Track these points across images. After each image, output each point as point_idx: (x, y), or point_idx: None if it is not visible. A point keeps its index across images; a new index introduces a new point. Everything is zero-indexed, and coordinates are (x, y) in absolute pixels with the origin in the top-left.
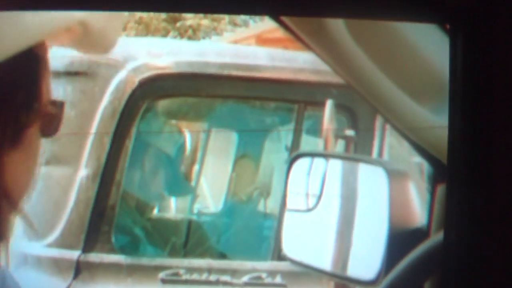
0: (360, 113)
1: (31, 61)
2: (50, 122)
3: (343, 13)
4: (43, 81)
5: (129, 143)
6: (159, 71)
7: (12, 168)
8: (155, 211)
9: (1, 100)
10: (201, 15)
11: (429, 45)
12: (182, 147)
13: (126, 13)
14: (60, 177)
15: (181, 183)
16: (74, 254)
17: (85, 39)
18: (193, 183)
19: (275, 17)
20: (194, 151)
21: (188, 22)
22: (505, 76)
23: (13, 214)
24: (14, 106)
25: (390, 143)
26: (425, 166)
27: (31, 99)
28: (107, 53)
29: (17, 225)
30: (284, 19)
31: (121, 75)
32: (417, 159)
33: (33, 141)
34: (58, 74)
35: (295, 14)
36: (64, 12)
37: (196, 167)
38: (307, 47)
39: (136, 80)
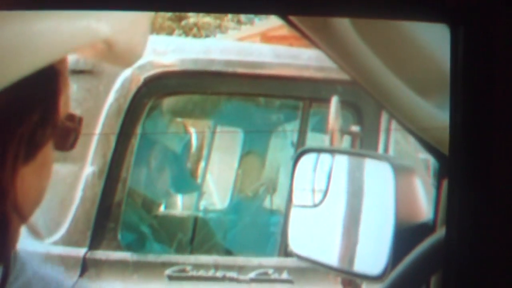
0: (366, 109)
1: (50, 77)
2: (67, 137)
3: (343, 13)
4: (61, 96)
5: (135, 141)
6: (164, 69)
7: (24, 182)
8: (162, 208)
9: (19, 116)
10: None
11: (433, 39)
12: (187, 144)
13: (150, 28)
14: (66, 174)
15: (187, 180)
16: (80, 252)
17: (109, 55)
18: (199, 180)
19: (281, 16)
20: (200, 148)
21: (191, 20)
22: (505, 73)
23: (22, 226)
24: (30, 122)
25: (395, 138)
26: (431, 162)
27: (48, 115)
28: (130, 67)
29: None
30: (290, 16)
31: (126, 73)
32: (423, 155)
33: (47, 156)
34: None
35: (299, 14)
36: (87, 29)
37: (202, 164)
38: (313, 43)
39: (141, 78)
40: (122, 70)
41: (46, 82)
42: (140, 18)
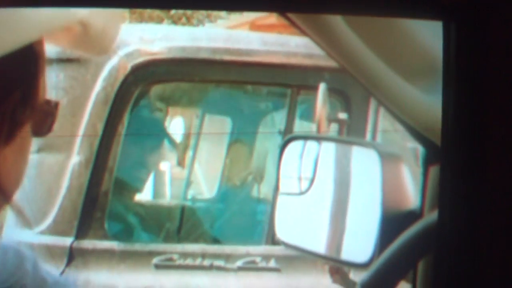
0: (353, 97)
1: (29, 58)
2: (44, 121)
3: (336, 10)
4: (40, 79)
5: (122, 129)
6: (152, 57)
7: (4, 163)
8: (149, 197)
9: (0, 94)
10: None
11: (420, 25)
12: (175, 133)
13: (125, 14)
14: (52, 164)
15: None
16: (67, 241)
17: (84, 39)
18: (187, 169)
19: (277, 13)
20: (187, 136)
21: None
22: (496, 69)
23: (6, 208)
24: (11, 103)
25: (383, 127)
26: (420, 150)
27: (27, 97)
28: (104, 54)
29: (9, 214)
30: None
31: (113, 61)
32: (412, 144)
33: (26, 138)
34: (51, 61)
35: (293, 11)
36: (64, 10)
37: (189, 153)
38: (302, 32)
39: (129, 66)
40: (109, 58)
41: (26, 62)
42: None
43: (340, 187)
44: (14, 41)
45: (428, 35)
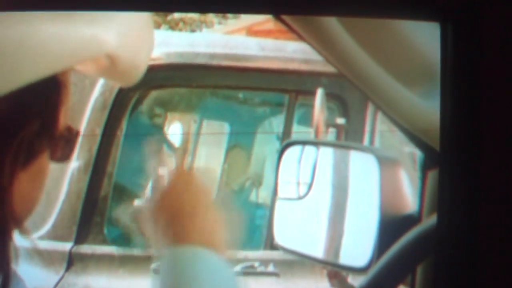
0: (351, 102)
1: (51, 88)
2: (63, 148)
3: (333, 12)
4: (62, 108)
5: (120, 134)
6: (150, 62)
7: (20, 190)
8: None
9: (19, 122)
10: None
11: (417, 30)
12: (173, 138)
13: (154, 46)
14: (52, 169)
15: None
16: (66, 246)
17: (112, 71)
18: None
19: (273, 15)
20: (185, 142)
21: (177, 15)
22: (492, 69)
23: (17, 234)
24: (29, 132)
25: (381, 132)
26: (417, 155)
27: (46, 126)
28: (132, 84)
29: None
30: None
31: None
32: (409, 148)
33: (43, 165)
34: None
35: (289, 13)
36: (91, 43)
37: (188, 158)
38: (299, 37)
39: None
40: None
41: (48, 92)
42: (146, 33)
43: (338, 191)
44: (38, 72)
45: (425, 40)
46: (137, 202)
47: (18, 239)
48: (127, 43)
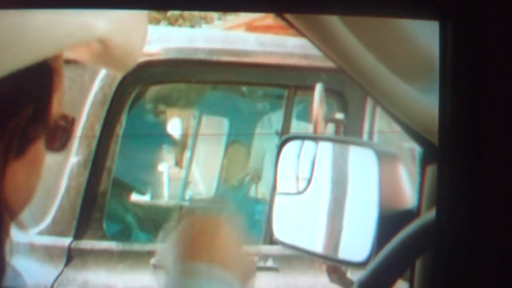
0: (350, 97)
1: (45, 73)
2: (58, 137)
3: (333, 11)
4: (55, 95)
5: (120, 130)
6: (149, 58)
7: (15, 180)
8: (147, 198)
9: (10, 111)
10: None
11: (418, 25)
12: (172, 134)
13: (148, 32)
14: (51, 164)
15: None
16: (65, 241)
17: (104, 57)
18: (184, 169)
19: (275, 14)
20: (185, 137)
21: (176, 11)
22: (492, 68)
23: (13, 225)
24: (22, 118)
25: (380, 127)
26: (417, 150)
27: (40, 113)
28: (127, 71)
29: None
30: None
31: None
32: (409, 144)
33: (38, 154)
34: None
35: (291, 12)
36: (82, 26)
37: (187, 154)
38: (299, 32)
39: None
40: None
41: (40, 78)
42: (139, 19)
43: (337, 186)
44: (29, 56)
45: (424, 35)
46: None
47: (16, 234)
48: (119, 28)
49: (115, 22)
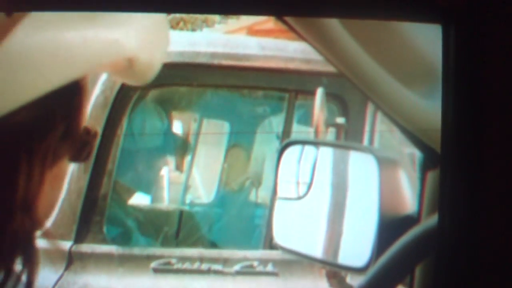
0: (351, 102)
1: (73, 93)
2: (82, 150)
3: (336, 14)
4: (83, 111)
5: (121, 133)
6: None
7: (43, 192)
8: (147, 202)
9: (43, 132)
10: None
11: (418, 30)
12: (173, 137)
13: (169, 45)
14: None
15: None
16: (66, 245)
17: (129, 72)
18: (185, 173)
19: (275, 17)
20: (185, 141)
21: (178, 14)
22: (494, 70)
23: (37, 234)
24: (55, 135)
25: (381, 132)
26: (417, 156)
27: (70, 131)
28: (145, 83)
29: None
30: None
31: None
32: (409, 149)
33: (64, 167)
34: None
35: (292, 15)
36: (116, 43)
37: (188, 158)
38: (300, 37)
39: None
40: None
41: (70, 98)
42: (162, 35)
43: (338, 191)
44: (62, 77)
45: (426, 39)
46: None
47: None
48: (146, 46)
49: (142, 40)
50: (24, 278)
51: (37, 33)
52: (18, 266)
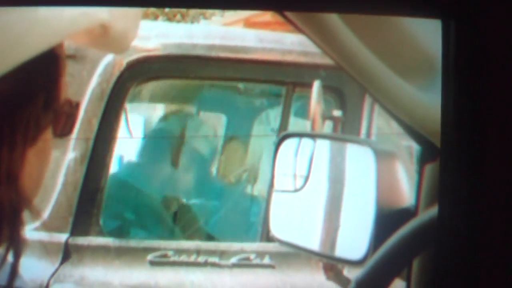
0: (348, 94)
1: (51, 62)
2: (65, 122)
3: (335, 8)
4: (61, 81)
5: (117, 125)
6: (147, 53)
7: (28, 166)
8: (144, 194)
9: (23, 101)
10: None
11: (418, 22)
12: (170, 129)
13: (142, 15)
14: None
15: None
16: (62, 237)
17: (104, 39)
18: (181, 166)
19: (276, 11)
20: (182, 133)
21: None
22: (495, 66)
23: (25, 212)
24: (35, 108)
25: (378, 125)
26: (415, 148)
27: (51, 100)
28: (123, 52)
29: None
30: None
31: (109, 58)
32: (407, 142)
33: (47, 141)
34: None
35: (292, 9)
36: (86, 13)
37: (184, 150)
38: (297, 29)
39: (124, 62)
40: (105, 55)
41: (47, 66)
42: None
43: (335, 184)
44: (37, 46)
45: (425, 32)
46: None
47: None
48: (117, 14)
49: (113, 10)
50: (9, 256)
51: (9, 10)
52: (3, 242)
